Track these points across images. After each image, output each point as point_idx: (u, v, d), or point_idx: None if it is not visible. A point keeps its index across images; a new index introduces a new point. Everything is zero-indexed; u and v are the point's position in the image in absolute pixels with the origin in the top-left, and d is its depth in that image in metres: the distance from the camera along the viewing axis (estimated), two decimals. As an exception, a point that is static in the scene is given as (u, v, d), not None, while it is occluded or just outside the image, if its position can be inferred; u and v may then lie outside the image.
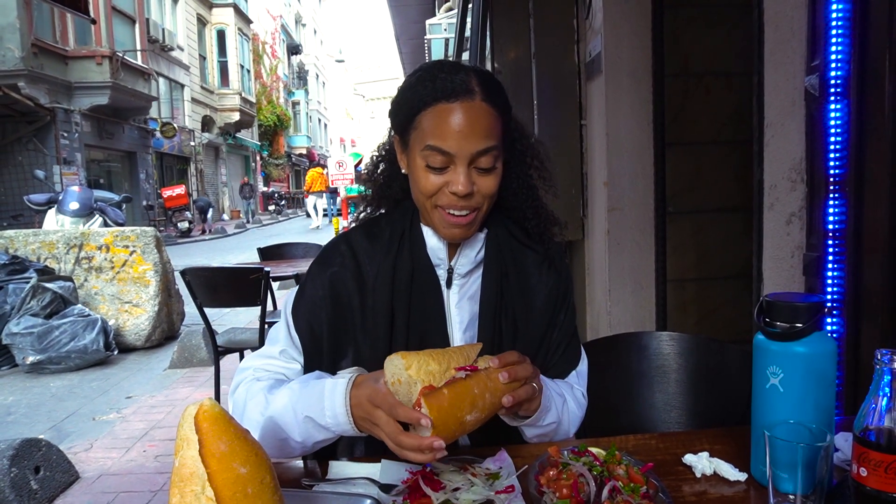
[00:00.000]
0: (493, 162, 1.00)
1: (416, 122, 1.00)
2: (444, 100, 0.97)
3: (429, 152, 0.98)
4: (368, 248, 1.09)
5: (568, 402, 1.08)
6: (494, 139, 0.99)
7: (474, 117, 0.97)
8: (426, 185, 1.00)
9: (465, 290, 1.10)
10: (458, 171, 0.98)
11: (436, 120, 0.98)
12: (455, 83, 0.98)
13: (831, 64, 1.43)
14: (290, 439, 0.98)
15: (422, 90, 0.99)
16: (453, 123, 0.97)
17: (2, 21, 12.19)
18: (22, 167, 13.13)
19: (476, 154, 0.98)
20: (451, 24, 7.53)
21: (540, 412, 0.98)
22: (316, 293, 1.07)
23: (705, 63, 2.68)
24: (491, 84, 1.02)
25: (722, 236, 2.73)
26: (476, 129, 0.97)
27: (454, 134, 0.97)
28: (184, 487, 0.63)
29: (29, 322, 4.64)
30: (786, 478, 0.75)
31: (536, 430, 1.02)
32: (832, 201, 1.47)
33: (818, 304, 0.84)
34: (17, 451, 2.53)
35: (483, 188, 1.01)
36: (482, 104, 0.98)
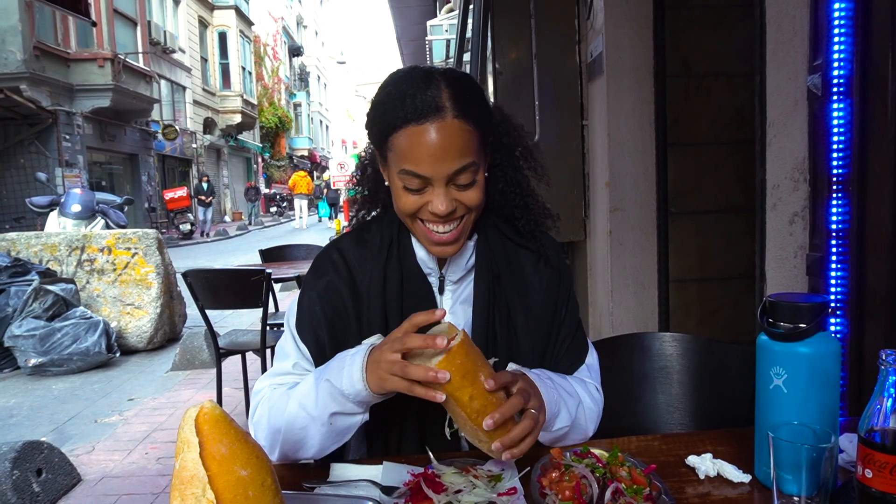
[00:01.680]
0: (472, 177, 0.97)
1: (389, 144, 0.97)
2: (414, 121, 0.93)
3: (405, 175, 0.96)
4: (359, 255, 1.08)
5: (583, 401, 1.06)
6: (471, 155, 0.95)
7: (447, 137, 0.93)
8: (405, 205, 0.98)
9: (458, 294, 1.09)
10: (437, 191, 0.95)
11: (407, 143, 0.94)
12: (425, 101, 0.92)
13: (834, 63, 1.43)
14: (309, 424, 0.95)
15: (391, 110, 0.95)
16: (425, 146, 0.93)
17: (4, 24, 12.22)
18: (24, 169, 13.14)
19: (452, 174, 0.95)
20: (453, 25, 7.54)
21: (547, 419, 0.96)
22: (313, 304, 1.06)
23: (706, 63, 2.68)
24: (463, 95, 0.96)
25: (724, 237, 2.72)
26: (449, 150, 0.93)
27: (427, 157, 0.93)
28: (184, 490, 0.62)
29: (31, 324, 4.65)
30: (790, 479, 0.74)
31: (549, 436, 1.01)
32: (835, 201, 1.47)
33: (822, 305, 0.84)
34: (19, 454, 2.53)
35: (466, 201, 0.98)
36: (454, 122, 0.93)
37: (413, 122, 0.93)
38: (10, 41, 12.27)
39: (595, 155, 2.96)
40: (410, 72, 0.99)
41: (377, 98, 1.00)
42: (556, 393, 1.00)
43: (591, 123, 3.03)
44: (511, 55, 3.19)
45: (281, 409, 0.98)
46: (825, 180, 1.50)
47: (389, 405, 1.02)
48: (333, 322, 1.05)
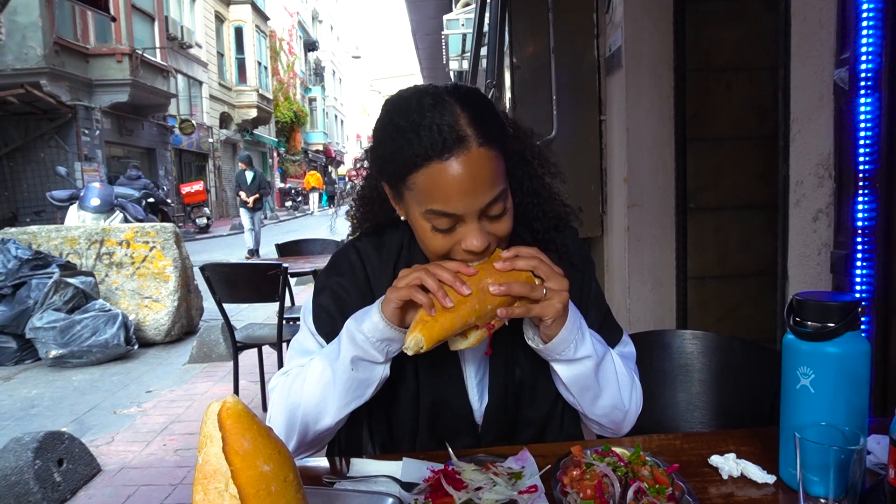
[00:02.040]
0: (504, 205, 0.91)
1: (408, 183, 0.88)
2: (437, 157, 0.84)
3: (432, 216, 0.88)
4: (377, 261, 1.06)
5: (613, 355, 1.02)
6: (501, 182, 0.89)
7: (475, 169, 0.85)
8: (436, 247, 0.92)
9: None
10: (470, 227, 0.89)
11: (432, 182, 0.86)
12: (444, 133, 0.84)
13: (861, 56, 1.40)
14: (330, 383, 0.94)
15: (406, 147, 0.86)
16: (454, 182, 0.85)
17: (24, 20, 12.38)
18: (44, 164, 13.34)
19: (486, 206, 0.88)
20: (469, 20, 7.50)
21: (568, 332, 0.92)
22: (328, 303, 1.05)
23: (727, 57, 2.64)
24: (482, 115, 0.88)
25: (743, 233, 2.69)
26: (480, 183, 0.86)
27: (457, 194, 0.85)
28: (207, 485, 0.63)
29: (51, 317, 4.72)
30: (816, 481, 0.73)
31: (569, 369, 0.95)
32: (861, 197, 1.44)
33: (851, 304, 0.82)
34: (40, 444, 2.57)
35: (500, 232, 0.92)
36: (480, 150, 0.85)
37: (436, 158, 0.85)
38: (30, 37, 12.44)
39: (613, 150, 2.94)
40: (418, 98, 0.89)
41: (384, 132, 0.91)
42: (580, 319, 0.96)
43: (609, 118, 3.01)
44: (529, 49, 3.17)
45: (302, 378, 0.98)
46: (851, 176, 1.47)
47: (403, 391, 1.01)
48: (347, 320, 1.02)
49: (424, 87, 0.93)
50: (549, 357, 0.96)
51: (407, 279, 0.88)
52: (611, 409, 1.01)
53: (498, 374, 1.03)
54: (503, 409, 1.04)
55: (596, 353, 0.96)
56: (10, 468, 2.49)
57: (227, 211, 23.32)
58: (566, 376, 0.97)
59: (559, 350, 0.94)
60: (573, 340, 0.93)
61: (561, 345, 0.93)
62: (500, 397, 1.03)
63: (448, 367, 1.03)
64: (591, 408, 1.01)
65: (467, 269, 0.88)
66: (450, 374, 1.03)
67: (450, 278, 0.87)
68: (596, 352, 0.96)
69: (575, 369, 0.96)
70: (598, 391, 0.99)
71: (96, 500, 2.63)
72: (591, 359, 0.96)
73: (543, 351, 0.95)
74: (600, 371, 0.98)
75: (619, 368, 1.02)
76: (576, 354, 0.94)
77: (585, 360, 0.95)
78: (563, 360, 0.95)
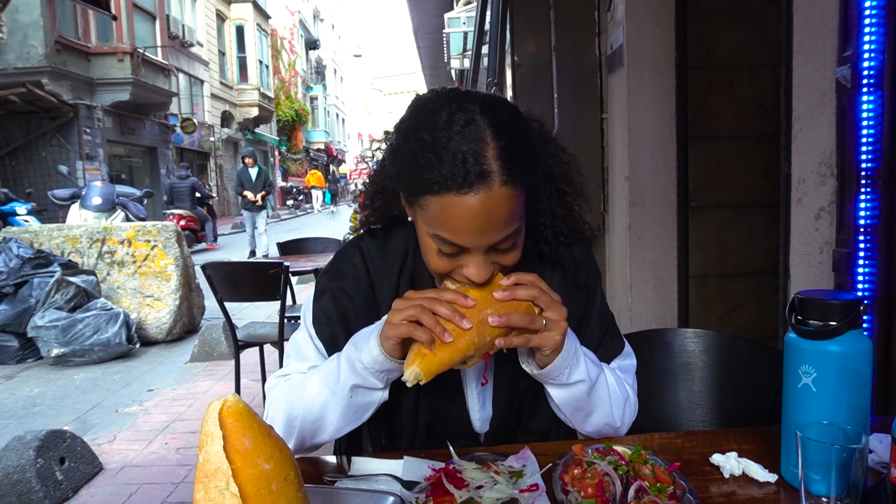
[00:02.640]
0: (514, 240, 0.88)
1: (421, 202, 0.85)
2: (455, 190, 0.80)
3: (439, 241, 0.86)
4: (380, 261, 1.04)
5: (607, 375, 1.01)
6: (516, 221, 0.86)
7: (493, 209, 0.81)
8: (437, 267, 0.91)
9: None
10: (474, 259, 0.86)
11: (445, 212, 0.82)
12: (467, 164, 0.79)
13: (864, 54, 1.39)
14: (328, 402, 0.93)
15: (427, 169, 0.81)
16: (468, 218, 0.81)
17: (26, 18, 12.38)
18: (46, 163, 13.36)
19: (496, 243, 0.86)
20: (470, 18, 7.50)
21: (563, 360, 0.91)
22: (329, 306, 1.03)
23: (729, 55, 2.63)
24: (511, 147, 0.82)
25: (745, 232, 2.68)
26: (494, 222, 0.83)
27: (468, 230, 0.83)
28: (208, 483, 0.63)
29: (53, 315, 4.72)
30: (818, 480, 0.73)
31: (563, 392, 0.96)
32: (864, 196, 1.43)
33: (853, 302, 0.82)
34: (42, 442, 2.58)
35: (505, 262, 0.90)
36: (502, 190, 0.81)
37: (454, 189, 0.80)
38: (31, 35, 12.44)
39: (614, 148, 2.93)
40: (448, 114, 0.82)
41: (407, 142, 0.86)
42: (576, 344, 0.96)
43: (610, 116, 3.00)
44: (530, 48, 3.17)
45: (300, 392, 0.97)
46: (853, 174, 1.46)
47: (403, 400, 1.01)
48: (348, 324, 1.02)
49: (459, 98, 0.85)
50: (543, 381, 0.97)
51: (404, 313, 0.86)
52: (602, 426, 1.02)
53: (502, 386, 1.03)
54: (507, 421, 1.04)
55: (589, 377, 0.96)
56: (12, 466, 2.49)
57: (228, 209, 23.33)
58: (559, 398, 0.98)
59: (553, 375, 0.94)
60: (567, 366, 0.94)
61: (555, 371, 0.93)
62: (505, 410, 1.03)
63: (448, 377, 1.02)
64: (581, 425, 1.02)
65: (466, 302, 0.86)
66: (449, 385, 1.02)
67: (448, 313, 0.85)
68: (589, 375, 0.96)
69: (568, 392, 0.97)
70: (589, 411, 1.00)
71: (98, 498, 2.64)
72: (585, 383, 0.96)
73: (538, 376, 0.96)
74: (593, 393, 0.98)
75: (612, 388, 1.02)
76: (569, 379, 0.95)
77: (579, 384, 0.95)
78: (557, 384, 0.96)
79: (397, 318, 0.86)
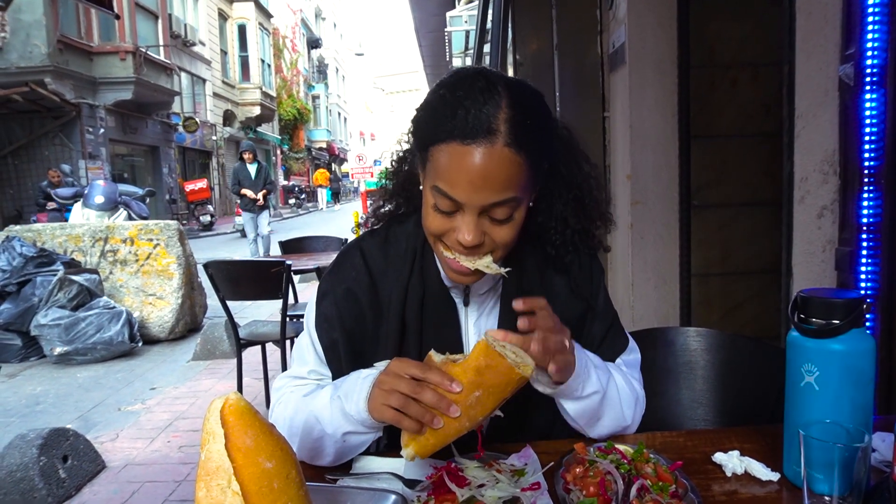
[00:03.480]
0: (509, 212, 0.88)
1: (429, 154, 0.88)
2: (460, 139, 0.83)
3: (436, 193, 0.87)
4: (383, 263, 1.04)
5: (615, 378, 1.01)
6: (514, 189, 0.86)
7: (492, 166, 0.83)
8: (431, 224, 0.91)
9: (483, 306, 1.05)
10: (467, 219, 0.87)
11: (447, 161, 0.84)
12: (479, 119, 0.82)
13: (867, 52, 1.39)
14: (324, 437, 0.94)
15: (440, 119, 0.85)
16: (465, 170, 0.83)
17: (28, 18, 12.41)
18: (49, 162, 13.37)
19: (489, 206, 0.86)
20: (472, 16, 7.49)
21: (576, 377, 0.91)
22: (332, 310, 1.03)
23: (732, 53, 2.62)
24: (524, 120, 0.85)
25: (748, 230, 2.68)
26: (491, 181, 0.83)
27: (465, 183, 0.84)
28: (210, 481, 0.63)
29: (56, 314, 4.73)
30: (821, 479, 0.73)
31: (577, 405, 0.95)
32: (866, 194, 1.43)
33: (856, 301, 0.81)
34: (45, 441, 2.58)
35: (496, 237, 0.89)
36: (504, 150, 0.83)
37: (458, 139, 0.83)
38: (34, 35, 12.47)
39: (616, 147, 2.93)
40: (473, 78, 0.87)
41: (429, 98, 0.91)
42: (585, 355, 0.96)
43: (612, 115, 3.00)
44: (532, 46, 3.16)
45: (299, 420, 0.97)
46: (856, 173, 1.46)
47: None
48: (351, 328, 1.02)
49: (489, 70, 0.90)
50: (558, 398, 0.97)
51: (389, 399, 0.82)
52: (613, 428, 1.02)
53: None
54: (511, 418, 1.03)
55: (602, 387, 0.97)
56: (15, 464, 2.50)
57: (230, 208, 23.33)
58: (573, 410, 0.97)
59: (567, 393, 0.94)
60: (581, 383, 0.94)
61: (568, 389, 0.93)
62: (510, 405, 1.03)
63: None
64: (594, 430, 1.02)
65: (451, 387, 0.81)
66: None
67: (434, 401, 0.81)
68: (602, 385, 0.97)
69: (582, 404, 0.97)
70: (601, 416, 1.00)
71: (101, 496, 2.64)
72: (598, 393, 0.96)
73: (554, 394, 0.95)
74: (605, 400, 0.98)
75: (622, 390, 1.02)
76: (583, 393, 0.95)
77: (593, 395, 0.96)
78: (572, 398, 0.96)
79: (381, 401, 0.83)
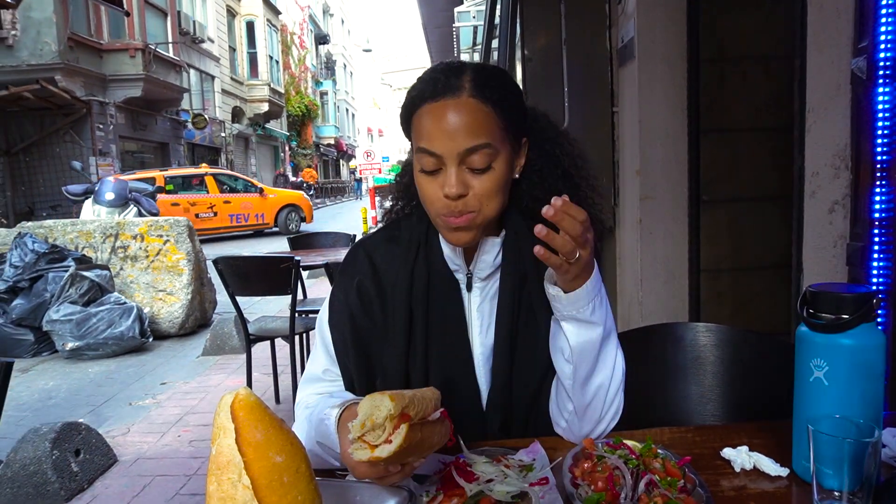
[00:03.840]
0: (487, 161, 0.94)
1: (411, 127, 0.99)
2: (431, 99, 0.95)
3: (420, 155, 0.96)
4: (387, 255, 1.09)
5: (618, 347, 1.00)
6: (485, 136, 0.93)
7: (459, 114, 0.93)
8: (424, 193, 0.98)
9: (486, 291, 1.07)
10: (449, 171, 0.94)
11: (423, 121, 0.95)
12: (447, 84, 0.94)
13: (880, 45, 1.37)
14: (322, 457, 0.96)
15: (417, 93, 0.97)
16: (438, 122, 0.93)
17: (39, 15, 12.48)
18: (59, 159, 13.48)
19: (464, 153, 0.93)
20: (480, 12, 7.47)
21: (589, 291, 0.90)
22: (340, 306, 1.08)
23: (742, 47, 2.60)
24: (486, 80, 0.96)
25: (758, 225, 2.66)
26: (461, 128, 0.92)
27: (439, 133, 0.93)
28: (220, 475, 0.63)
29: (68, 309, 4.78)
30: (830, 474, 0.72)
31: (580, 332, 0.93)
32: (879, 188, 1.42)
33: (867, 295, 0.81)
34: (58, 435, 2.61)
35: (479, 189, 0.95)
36: (469, 100, 0.93)
37: (430, 100, 0.95)
38: (45, 32, 12.55)
39: (625, 142, 2.91)
40: (447, 63, 1.01)
41: (409, 88, 1.01)
42: (602, 287, 0.94)
43: (621, 110, 2.98)
44: (540, 41, 3.15)
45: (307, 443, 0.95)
46: (868, 167, 1.45)
47: (412, 385, 1.03)
48: (360, 325, 1.06)
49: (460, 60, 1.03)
50: (565, 312, 0.93)
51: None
52: (593, 398, 0.98)
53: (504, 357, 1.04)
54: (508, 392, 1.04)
55: (606, 326, 0.95)
56: (28, 458, 2.53)
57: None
58: (574, 340, 0.94)
59: (578, 305, 0.91)
60: (592, 301, 0.91)
61: (581, 301, 0.91)
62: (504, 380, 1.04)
63: (459, 350, 1.05)
64: (581, 388, 0.97)
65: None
66: (460, 357, 1.05)
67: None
68: (606, 324, 0.95)
69: (584, 334, 0.93)
70: (593, 369, 0.96)
71: (112, 489, 2.67)
72: (601, 327, 0.93)
73: (563, 301, 0.92)
74: (604, 347, 0.96)
75: (619, 363, 0.99)
76: (591, 316, 0.92)
77: (596, 326, 0.93)
78: (578, 318, 0.92)
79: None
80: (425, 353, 1.04)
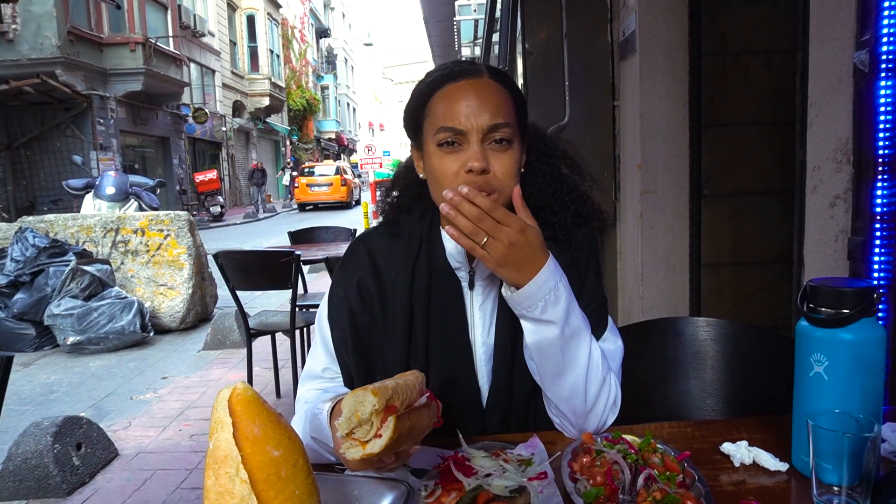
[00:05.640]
0: (509, 136, 0.97)
1: (427, 111, 1.00)
2: (452, 80, 0.99)
3: (441, 134, 0.97)
4: (387, 251, 1.08)
5: (592, 343, 0.98)
6: (506, 117, 0.97)
7: (483, 92, 0.97)
8: (442, 170, 0.96)
9: (488, 290, 1.06)
10: (472, 147, 0.95)
11: (445, 101, 0.98)
12: (464, 67, 1.01)
13: (883, 38, 1.36)
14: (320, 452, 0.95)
15: (430, 80, 1.02)
16: (462, 100, 0.96)
17: (39, 9, 12.46)
18: (60, 153, 13.49)
19: (488, 129, 0.95)
20: (481, 5, 7.45)
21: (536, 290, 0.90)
22: (340, 302, 1.07)
23: (744, 41, 2.59)
24: (501, 72, 1.04)
25: (759, 220, 2.65)
26: (485, 105, 0.96)
27: (464, 110, 0.96)
28: (218, 469, 0.63)
29: (69, 304, 4.78)
30: (830, 469, 0.72)
31: (535, 330, 0.93)
32: (880, 183, 1.41)
33: (867, 290, 0.80)
34: (59, 428, 2.62)
35: (500, 168, 0.96)
36: (490, 81, 0.99)
37: (451, 80, 0.99)
38: (45, 27, 12.52)
39: (626, 136, 2.91)
40: (457, 60, 1.08)
41: (419, 81, 1.06)
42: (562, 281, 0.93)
43: (622, 104, 2.97)
44: (541, 35, 3.14)
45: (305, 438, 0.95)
46: (870, 161, 1.44)
47: None
48: (360, 321, 1.05)
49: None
50: (517, 310, 0.94)
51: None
52: (570, 395, 0.97)
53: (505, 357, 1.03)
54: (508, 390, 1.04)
55: (566, 324, 0.93)
56: (30, 452, 2.54)
57: (240, 199, 23.46)
58: (530, 339, 0.95)
59: (526, 304, 0.92)
60: (542, 299, 0.91)
61: (528, 300, 0.91)
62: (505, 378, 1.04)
63: (460, 349, 1.05)
64: (552, 385, 0.98)
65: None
66: (461, 355, 1.04)
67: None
68: (567, 322, 0.93)
69: (541, 332, 0.93)
70: (561, 367, 0.96)
71: (114, 483, 2.68)
72: (557, 325, 0.92)
73: (512, 300, 0.93)
74: (567, 347, 0.95)
75: (593, 358, 0.98)
76: (542, 315, 0.92)
77: (551, 325, 0.92)
78: (529, 317, 0.93)
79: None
80: (426, 352, 1.04)
